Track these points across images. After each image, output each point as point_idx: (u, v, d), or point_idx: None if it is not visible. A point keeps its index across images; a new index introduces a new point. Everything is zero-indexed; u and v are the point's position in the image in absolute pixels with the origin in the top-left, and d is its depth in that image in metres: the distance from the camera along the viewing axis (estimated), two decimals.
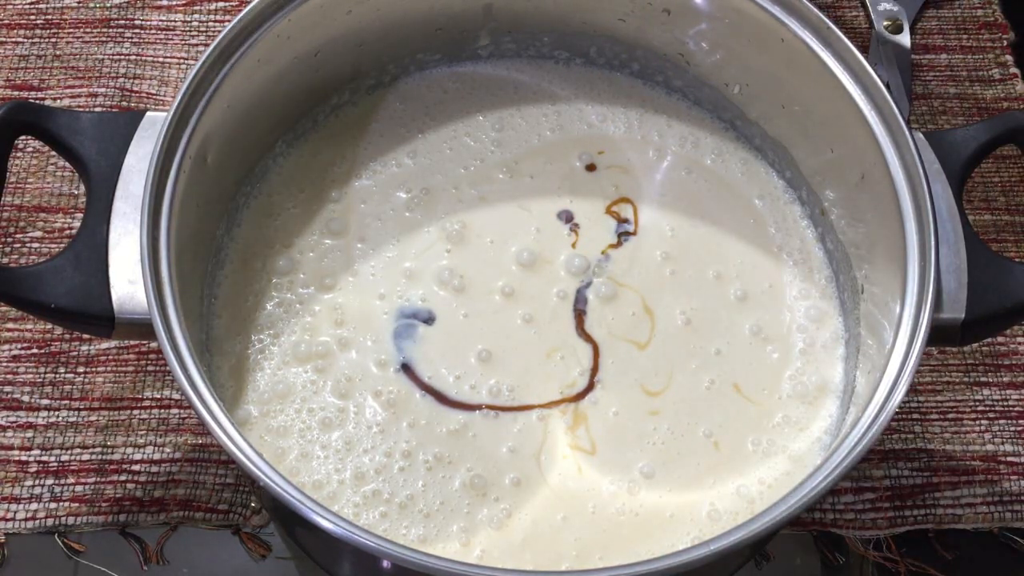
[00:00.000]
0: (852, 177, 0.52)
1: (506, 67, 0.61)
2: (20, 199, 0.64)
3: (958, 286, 0.48)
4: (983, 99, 0.71)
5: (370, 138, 0.59)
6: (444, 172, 0.58)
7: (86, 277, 0.46)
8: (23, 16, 0.71)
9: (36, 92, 0.68)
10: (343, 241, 0.56)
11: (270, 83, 0.54)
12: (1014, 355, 0.63)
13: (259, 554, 0.56)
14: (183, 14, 0.71)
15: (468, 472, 0.50)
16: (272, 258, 0.55)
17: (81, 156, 0.49)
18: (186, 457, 0.57)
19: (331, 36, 0.56)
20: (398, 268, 0.55)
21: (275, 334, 0.53)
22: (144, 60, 0.69)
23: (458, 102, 0.60)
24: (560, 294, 0.55)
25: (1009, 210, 0.67)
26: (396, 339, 0.53)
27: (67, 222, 0.63)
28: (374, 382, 0.52)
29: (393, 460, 0.50)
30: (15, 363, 0.59)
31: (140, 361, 0.60)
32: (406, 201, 0.57)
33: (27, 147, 0.65)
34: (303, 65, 0.55)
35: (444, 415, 0.51)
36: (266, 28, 0.51)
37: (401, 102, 0.60)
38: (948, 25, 0.74)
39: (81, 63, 0.69)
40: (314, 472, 0.50)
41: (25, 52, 0.69)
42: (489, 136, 0.59)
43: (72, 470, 0.56)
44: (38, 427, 0.58)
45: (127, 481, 0.56)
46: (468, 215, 0.57)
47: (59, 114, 0.49)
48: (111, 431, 0.58)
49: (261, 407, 0.51)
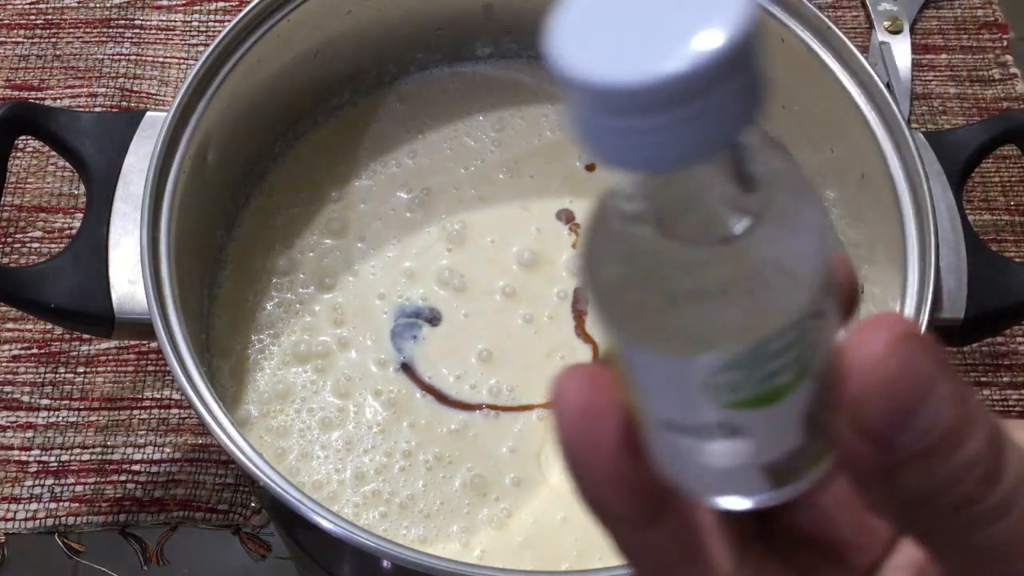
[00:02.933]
0: (852, 177, 0.52)
1: (506, 67, 0.61)
2: (20, 199, 0.64)
3: (958, 286, 0.48)
4: (983, 99, 0.71)
5: (370, 138, 0.59)
6: (444, 172, 0.58)
7: (86, 277, 0.46)
8: (23, 16, 0.71)
9: (36, 92, 0.67)
10: (343, 241, 0.56)
11: (270, 83, 0.54)
12: (1014, 355, 0.63)
13: (259, 554, 0.55)
14: (183, 14, 0.71)
15: (468, 472, 0.50)
16: (272, 258, 0.55)
17: (81, 156, 0.49)
18: (186, 457, 0.57)
19: (331, 36, 0.56)
20: (398, 268, 0.55)
21: (275, 334, 0.53)
22: (144, 60, 0.69)
23: (458, 102, 0.60)
24: (561, 294, 0.55)
25: (1009, 210, 0.67)
26: (396, 339, 0.53)
27: (67, 222, 0.63)
28: (374, 382, 0.52)
29: (393, 460, 0.50)
30: (15, 363, 0.59)
31: (140, 361, 0.59)
32: (406, 201, 0.57)
33: (27, 147, 0.65)
34: (303, 65, 0.55)
35: (444, 415, 0.51)
36: (266, 28, 0.51)
37: (401, 102, 0.60)
38: (948, 25, 0.74)
39: (81, 63, 0.69)
40: (314, 472, 0.50)
41: (25, 52, 0.69)
42: (489, 136, 0.59)
43: (72, 470, 0.56)
44: (38, 427, 0.58)
45: (127, 481, 0.56)
46: (468, 215, 0.57)
47: (59, 114, 0.49)
48: (111, 431, 0.58)
49: (261, 407, 0.51)
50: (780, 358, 0.18)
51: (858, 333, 0.18)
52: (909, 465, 0.18)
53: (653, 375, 0.19)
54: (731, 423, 0.19)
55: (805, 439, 0.19)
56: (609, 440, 0.19)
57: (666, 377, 0.18)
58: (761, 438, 0.19)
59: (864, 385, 0.18)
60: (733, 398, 0.18)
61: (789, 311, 0.18)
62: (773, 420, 0.19)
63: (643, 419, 0.19)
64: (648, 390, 0.19)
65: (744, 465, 0.20)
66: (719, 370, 0.18)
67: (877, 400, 0.18)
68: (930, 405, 0.18)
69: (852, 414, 0.18)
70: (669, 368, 0.18)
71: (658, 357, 0.18)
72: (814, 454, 0.20)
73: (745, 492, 0.20)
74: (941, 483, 0.18)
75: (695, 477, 0.20)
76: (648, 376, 0.19)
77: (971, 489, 0.18)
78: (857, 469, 0.19)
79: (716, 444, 0.19)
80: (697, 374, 0.18)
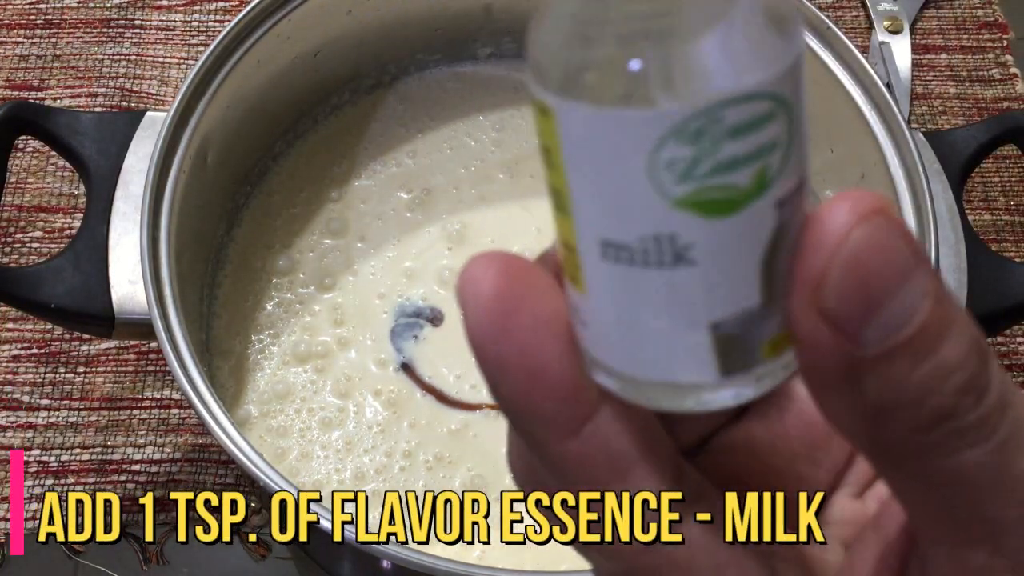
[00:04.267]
0: (852, 177, 0.52)
1: (506, 67, 0.61)
2: (20, 199, 0.64)
3: (958, 286, 0.48)
4: (983, 99, 0.71)
5: (370, 138, 0.59)
6: (444, 172, 0.58)
7: (86, 277, 0.46)
8: (23, 16, 0.70)
9: (36, 92, 0.67)
10: (343, 241, 0.56)
11: (270, 83, 0.54)
12: (1014, 355, 0.63)
13: (259, 554, 0.55)
14: (183, 14, 0.71)
15: (468, 472, 0.50)
16: (272, 258, 0.55)
17: (81, 156, 0.49)
18: (186, 457, 0.57)
19: (331, 36, 0.56)
20: (398, 268, 0.55)
21: (275, 334, 0.53)
22: (144, 60, 0.69)
23: (458, 102, 0.60)
24: None
25: (1009, 210, 0.67)
26: (396, 338, 0.53)
27: (67, 222, 0.63)
28: (374, 382, 0.52)
29: (394, 460, 0.50)
30: (15, 363, 0.59)
31: (140, 361, 0.59)
32: (406, 201, 0.57)
33: (27, 147, 0.65)
34: (303, 65, 0.55)
35: (445, 415, 0.51)
36: (266, 28, 0.51)
37: (401, 102, 0.60)
38: (948, 25, 0.74)
39: (81, 63, 0.69)
40: (314, 472, 0.50)
41: (25, 52, 0.69)
42: (489, 136, 0.59)
43: (72, 470, 0.56)
44: (38, 427, 0.58)
45: (127, 481, 0.56)
46: (469, 215, 0.57)
47: (59, 114, 0.49)
48: (111, 431, 0.58)
49: (261, 407, 0.51)
50: (739, 140, 0.16)
51: (826, 203, 0.16)
52: (875, 368, 0.16)
53: (592, 155, 0.16)
54: (675, 237, 0.16)
55: (761, 302, 0.17)
56: (534, 326, 0.17)
57: (607, 154, 0.16)
58: (711, 273, 0.16)
59: (825, 257, 0.16)
60: (680, 192, 0.16)
61: (756, 68, 0.15)
62: (725, 249, 0.16)
63: (577, 264, 0.17)
64: (584, 190, 0.16)
65: (690, 321, 0.17)
66: (666, 136, 0.15)
67: (840, 278, 0.15)
68: (903, 296, 0.15)
69: (811, 290, 0.16)
70: (609, 137, 0.16)
71: (600, 119, 0.16)
72: (771, 338, 0.17)
73: (688, 374, 0.17)
74: (913, 391, 0.16)
75: (631, 356, 0.17)
76: (586, 162, 0.16)
77: (947, 400, 0.16)
78: (815, 366, 0.16)
79: (656, 276, 0.16)
80: (641, 143, 0.16)
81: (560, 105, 0.16)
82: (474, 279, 0.17)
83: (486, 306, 0.17)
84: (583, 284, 0.17)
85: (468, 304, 0.17)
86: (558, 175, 0.17)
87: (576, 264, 0.17)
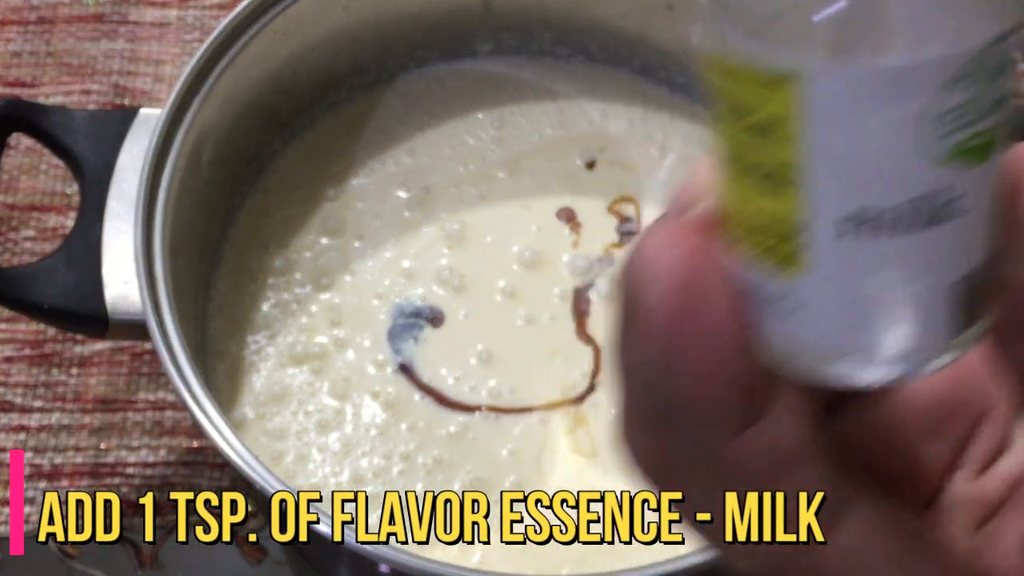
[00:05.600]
0: None
1: (506, 64, 0.61)
2: (12, 198, 0.64)
3: None
4: None
5: (368, 136, 0.59)
6: (444, 170, 0.58)
7: (79, 277, 0.46)
8: (16, 12, 0.70)
9: (29, 89, 0.67)
10: (340, 240, 0.55)
11: (266, 80, 0.54)
12: None
13: (255, 558, 0.55)
14: (178, 10, 0.71)
15: (468, 475, 0.50)
16: (268, 258, 0.55)
17: (74, 154, 0.48)
18: (181, 460, 0.56)
19: (328, 32, 0.55)
20: (397, 267, 0.55)
21: (271, 335, 0.53)
22: (138, 57, 0.69)
23: (458, 99, 0.60)
24: (561, 295, 0.54)
25: None
26: (394, 339, 0.53)
27: (60, 221, 0.63)
28: (372, 383, 0.52)
29: (392, 462, 0.50)
30: (8, 364, 0.59)
31: (134, 362, 0.59)
32: (405, 200, 0.57)
33: (19, 145, 0.65)
34: (299, 62, 0.55)
35: (444, 417, 0.51)
36: (262, 24, 0.51)
37: (399, 99, 0.60)
38: None
39: (74, 60, 0.68)
40: (311, 475, 0.49)
41: (18, 49, 0.69)
42: (489, 134, 0.59)
43: (66, 473, 0.56)
44: (31, 429, 0.57)
45: (121, 484, 0.56)
46: (468, 214, 0.56)
47: (52, 111, 0.49)
48: (105, 433, 0.57)
49: (257, 409, 0.51)
50: (1000, 80, 0.15)
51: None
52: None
53: (849, 119, 0.15)
54: (936, 195, 0.15)
55: (985, 255, 0.16)
56: (724, 319, 0.16)
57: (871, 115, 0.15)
58: (963, 228, 0.16)
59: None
60: (953, 142, 0.15)
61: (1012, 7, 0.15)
62: (981, 198, 0.15)
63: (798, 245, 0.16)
64: (831, 161, 0.15)
65: (930, 283, 0.16)
66: (954, 78, 0.14)
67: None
68: None
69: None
70: (879, 95, 0.15)
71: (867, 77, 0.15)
72: (988, 291, 0.16)
73: (918, 340, 0.16)
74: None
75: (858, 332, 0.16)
76: (841, 127, 0.15)
77: None
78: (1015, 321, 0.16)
79: (904, 242, 0.16)
80: (918, 95, 0.15)
81: (811, 67, 0.15)
82: (656, 263, 0.16)
83: (672, 298, 0.16)
84: (804, 265, 0.16)
85: (650, 296, 0.16)
86: (787, 149, 0.16)
87: (796, 245, 0.16)
